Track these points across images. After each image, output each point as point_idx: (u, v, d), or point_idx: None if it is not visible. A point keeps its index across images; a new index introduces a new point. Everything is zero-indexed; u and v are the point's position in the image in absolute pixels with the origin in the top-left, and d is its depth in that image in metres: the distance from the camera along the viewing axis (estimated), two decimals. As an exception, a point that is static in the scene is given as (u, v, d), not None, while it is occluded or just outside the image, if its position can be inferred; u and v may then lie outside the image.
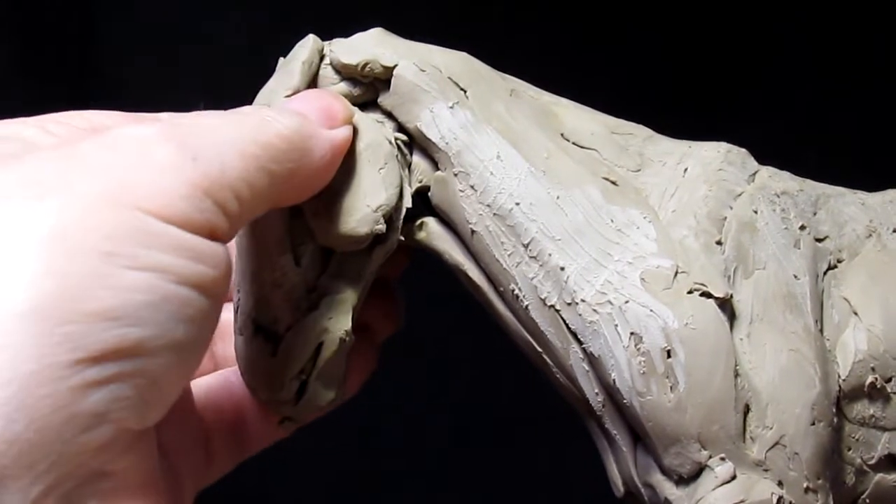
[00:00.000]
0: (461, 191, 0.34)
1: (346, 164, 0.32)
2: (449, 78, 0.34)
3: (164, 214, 0.25)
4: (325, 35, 0.35)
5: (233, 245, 0.33)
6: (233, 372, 0.35)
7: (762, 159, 0.37)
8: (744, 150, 0.37)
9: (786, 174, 0.37)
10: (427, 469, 0.66)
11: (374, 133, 0.33)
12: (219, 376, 0.36)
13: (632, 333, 0.31)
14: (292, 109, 0.31)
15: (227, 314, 0.35)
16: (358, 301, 0.33)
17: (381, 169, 0.33)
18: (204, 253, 0.26)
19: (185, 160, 0.26)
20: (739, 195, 0.35)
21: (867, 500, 0.35)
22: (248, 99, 0.34)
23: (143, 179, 0.25)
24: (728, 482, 0.31)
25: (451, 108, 0.34)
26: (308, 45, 0.34)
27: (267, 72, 0.35)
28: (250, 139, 0.28)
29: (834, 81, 0.63)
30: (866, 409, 0.34)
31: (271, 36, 0.36)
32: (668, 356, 0.31)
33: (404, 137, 0.34)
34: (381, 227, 0.32)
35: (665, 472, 0.32)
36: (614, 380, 0.32)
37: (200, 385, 0.35)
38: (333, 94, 0.33)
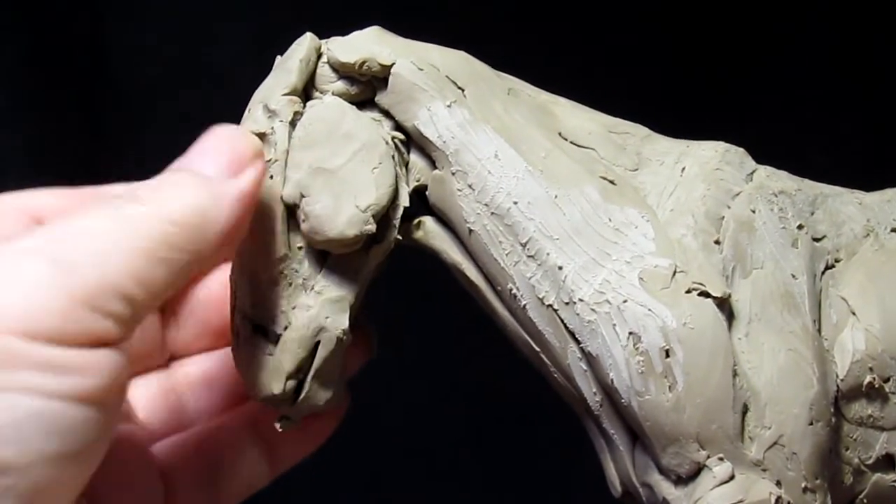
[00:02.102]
0: (459, 190, 0.34)
1: (338, 165, 0.32)
2: (447, 76, 0.34)
3: (32, 332, 0.25)
4: (323, 33, 0.35)
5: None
6: (204, 428, 0.36)
7: (764, 159, 0.37)
8: (741, 149, 0.37)
9: (784, 174, 0.37)
10: (430, 469, 0.66)
11: (370, 132, 0.33)
12: (190, 434, 0.36)
13: (630, 333, 0.31)
14: (189, 177, 0.29)
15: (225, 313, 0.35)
16: (356, 300, 0.33)
17: (374, 168, 0.33)
18: (78, 364, 0.25)
19: (57, 272, 0.26)
20: (737, 195, 0.35)
21: (865, 500, 0.35)
22: (249, 97, 0.34)
23: (10, 299, 0.25)
24: (726, 482, 0.31)
25: (449, 106, 0.34)
26: (305, 43, 0.34)
27: (266, 70, 0.35)
28: (136, 234, 0.27)
29: (836, 82, 0.63)
30: (864, 408, 0.34)
31: (272, 35, 0.36)
32: (667, 356, 0.31)
33: (402, 136, 0.34)
34: (371, 227, 0.32)
35: (663, 471, 0.32)
36: (612, 379, 0.32)
37: (165, 443, 0.35)
38: (236, 132, 0.32)
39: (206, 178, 0.29)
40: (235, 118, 0.34)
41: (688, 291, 0.32)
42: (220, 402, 0.37)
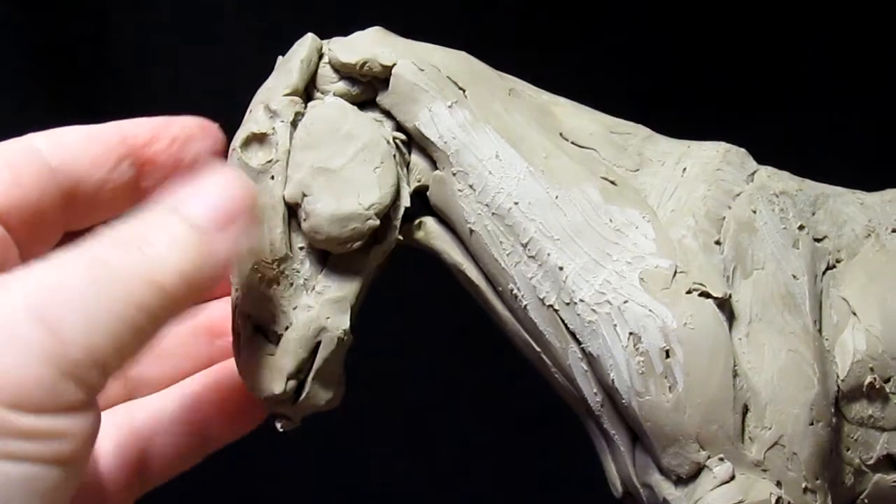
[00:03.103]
0: (460, 190, 0.34)
1: (339, 165, 0.32)
2: (448, 77, 0.34)
3: (20, 404, 0.25)
4: (325, 34, 0.35)
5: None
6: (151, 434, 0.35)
7: (765, 159, 0.37)
8: (743, 149, 0.37)
9: (785, 174, 0.37)
10: (431, 469, 0.66)
11: (372, 133, 0.33)
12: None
13: (630, 333, 0.31)
14: (181, 229, 0.28)
15: (225, 311, 0.35)
16: (356, 300, 0.33)
17: (376, 168, 0.33)
18: (59, 430, 0.26)
19: (47, 340, 0.25)
20: (738, 195, 0.35)
21: (866, 501, 0.35)
22: (251, 98, 0.34)
23: (2, 368, 0.25)
24: (727, 482, 0.31)
25: (450, 107, 0.34)
26: (307, 43, 0.34)
27: (268, 70, 0.35)
28: (123, 298, 0.27)
29: (837, 82, 0.63)
30: (865, 409, 0.34)
31: (274, 36, 0.36)
32: (667, 356, 0.31)
33: (403, 137, 0.34)
34: (374, 222, 0.32)
35: (663, 472, 0.32)
36: (613, 380, 0.32)
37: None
38: (235, 179, 0.30)
39: (198, 230, 0.29)
40: (237, 118, 0.34)
41: (688, 292, 0.32)
42: (171, 370, 0.37)
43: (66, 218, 0.33)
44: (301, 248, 0.33)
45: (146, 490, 0.36)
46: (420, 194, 0.34)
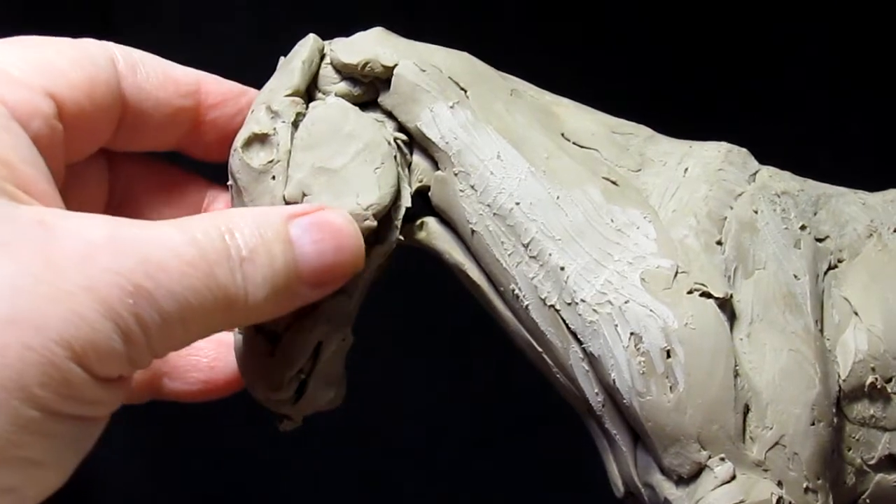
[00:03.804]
0: (461, 190, 0.34)
1: (340, 165, 0.32)
2: (449, 78, 0.34)
3: (87, 364, 0.26)
4: (326, 35, 0.35)
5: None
6: None
7: (767, 160, 0.37)
8: (744, 150, 0.37)
9: (786, 174, 0.37)
10: (432, 469, 0.66)
11: (373, 133, 0.33)
12: None
13: (632, 333, 0.31)
14: (289, 266, 0.29)
15: None
16: (357, 300, 0.34)
17: (376, 169, 0.33)
18: (101, 398, 0.27)
19: (128, 318, 0.26)
20: (740, 195, 0.35)
21: (867, 501, 0.35)
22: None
23: (83, 330, 0.26)
24: (728, 482, 0.31)
25: (452, 107, 0.34)
26: (308, 44, 0.34)
27: (270, 71, 0.35)
28: (199, 320, 0.28)
29: (839, 82, 0.63)
30: (866, 409, 0.34)
31: (275, 36, 0.36)
32: (668, 356, 0.31)
33: (404, 137, 0.34)
34: (371, 223, 0.32)
35: (665, 472, 0.32)
36: (614, 380, 0.32)
37: None
38: (356, 240, 0.31)
39: (299, 276, 0.29)
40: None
41: (689, 292, 0.32)
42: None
43: (114, 136, 0.33)
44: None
45: None
46: (421, 195, 0.35)
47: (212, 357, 0.35)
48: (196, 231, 0.28)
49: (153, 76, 0.33)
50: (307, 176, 0.33)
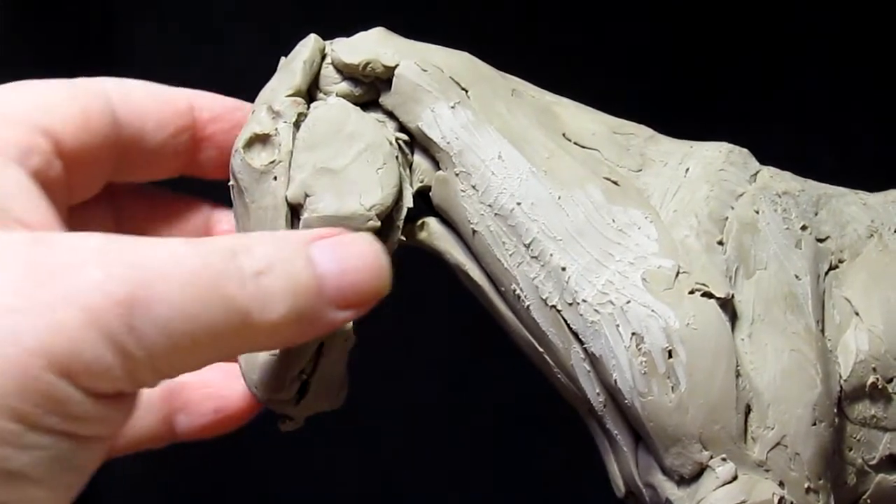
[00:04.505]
0: (462, 191, 0.34)
1: (342, 165, 0.32)
2: (450, 78, 0.34)
3: (73, 377, 0.24)
4: (327, 35, 0.35)
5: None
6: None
7: (768, 160, 0.37)
8: (745, 150, 0.37)
9: (787, 174, 0.37)
10: (434, 469, 0.66)
11: (374, 133, 0.33)
12: None
13: (633, 333, 0.31)
14: (309, 279, 0.27)
15: None
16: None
17: (378, 169, 0.33)
18: (102, 415, 0.25)
19: (121, 329, 0.24)
20: (741, 195, 0.35)
21: (868, 501, 0.35)
22: (254, 99, 0.34)
23: (64, 341, 0.24)
24: (729, 482, 0.31)
25: (453, 107, 0.34)
26: (310, 44, 0.34)
27: (271, 71, 0.35)
28: (211, 334, 0.26)
29: (840, 82, 0.63)
30: (867, 409, 0.34)
31: (276, 36, 0.36)
32: (670, 356, 0.31)
33: (405, 137, 0.34)
34: (375, 223, 0.32)
35: (666, 472, 0.32)
36: (616, 380, 0.32)
37: None
38: (382, 261, 0.28)
39: (320, 293, 0.27)
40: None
41: (691, 292, 0.32)
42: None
43: (115, 169, 0.33)
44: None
45: (107, 457, 0.35)
46: (423, 195, 0.34)
47: (222, 385, 0.34)
48: (203, 244, 0.26)
49: (148, 100, 0.33)
50: (309, 176, 0.32)
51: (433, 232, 0.35)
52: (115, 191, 0.34)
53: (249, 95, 0.35)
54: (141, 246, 0.26)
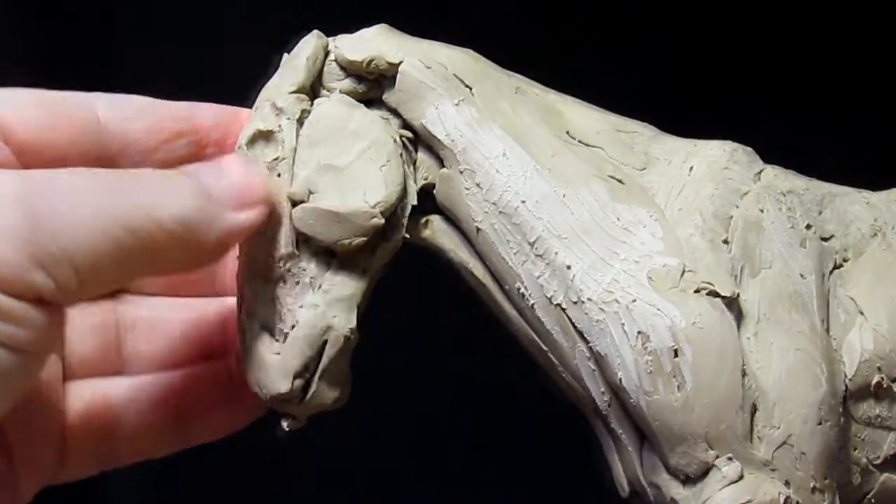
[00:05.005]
0: (467, 188, 0.34)
1: (346, 162, 0.32)
2: (454, 75, 0.34)
3: None
4: (331, 31, 0.35)
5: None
6: (112, 387, 0.35)
7: (772, 159, 0.37)
8: (750, 148, 0.37)
9: (791, 173, 0.37)
10: (435, 469, 0.66)
11: (378, 131, 0.33)
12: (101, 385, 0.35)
13: (639, 332, 0.31)
14: (196, 186, 0.30)
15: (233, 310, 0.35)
16: (363, 299, 0.33)
17: (382, 166, 0.33)
18: (19, 315, 0.26)
19: (25, 225, 0.26)
20: (746, 194, 0.35)
21: (873, 500, 0.35)
22: (256, 95, 0.34)
23: None
24: (735, 482, 0.31)
25: (457, 105, 0.34)
26: (313, 41, 0.34)
27: (273, 68, 0.35)
28: (118, 221, 0.28)
29: (844, 81, 0.63)
30: (872, 408, 0.34)
31: (280, 33, 0.36)
32: (676, 355, 0.31)
33: (409, 134, 0.34)
34: (379, 220, 0.32)
35: (671, 471, 0.32)
36: (621, 379, 0.32)
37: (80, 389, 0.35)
38: (257, 168, 0.32)
39: (210, 196, 0.30)
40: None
41: (696, 291, 0.32)
42: (159, 354, 0.36)
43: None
44: (307, 245, 0.33)
45: (116, 464, 0.36)
46: (427, 192, 0.34)
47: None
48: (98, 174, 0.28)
49: (134, 110, 0.33)
50: (313, 173, 0.32)
51: (437, 230, 0.35)
52: None
53: (252, 92, 0.35)
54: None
